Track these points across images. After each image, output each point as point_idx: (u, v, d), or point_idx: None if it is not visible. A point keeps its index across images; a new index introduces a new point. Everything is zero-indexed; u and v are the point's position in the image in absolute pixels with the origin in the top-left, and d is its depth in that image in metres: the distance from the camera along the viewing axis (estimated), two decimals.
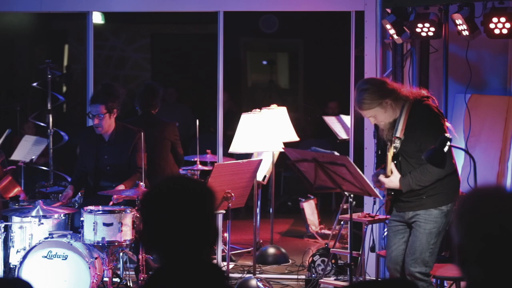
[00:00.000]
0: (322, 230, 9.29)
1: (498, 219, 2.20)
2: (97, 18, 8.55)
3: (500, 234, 2.19)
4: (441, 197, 5.22)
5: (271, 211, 8.58)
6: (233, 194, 6.39)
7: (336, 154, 5.56)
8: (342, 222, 7.25)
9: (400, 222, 5.36)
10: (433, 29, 6.63)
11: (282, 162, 8.88)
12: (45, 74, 8.35)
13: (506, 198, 2.24)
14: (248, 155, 7.62)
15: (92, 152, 7.08)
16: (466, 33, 6.49)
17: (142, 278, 6.40)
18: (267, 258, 8.02)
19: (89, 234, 6.31)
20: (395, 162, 5.26)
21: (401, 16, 6.91)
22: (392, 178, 5.24)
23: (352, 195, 5.57)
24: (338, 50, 9.72)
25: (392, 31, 6.98)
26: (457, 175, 5.33)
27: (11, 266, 6.51)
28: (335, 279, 7.05)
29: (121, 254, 6.50)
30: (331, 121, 10.06)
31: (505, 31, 6.26)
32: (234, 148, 7.30)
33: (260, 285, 6.75)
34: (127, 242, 6.39)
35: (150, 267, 6.58)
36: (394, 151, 5.23)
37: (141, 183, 6.46)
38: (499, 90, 7.36)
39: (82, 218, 6.35)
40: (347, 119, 9.24)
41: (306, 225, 9.29)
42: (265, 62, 13.63)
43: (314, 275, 7.08)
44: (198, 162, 8.34)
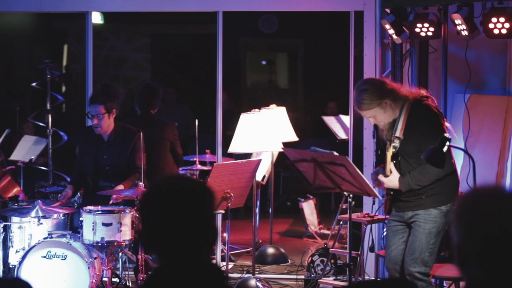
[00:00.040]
0: (321, 230, 9.29)
1: (497, 219, 2.20)
2: (96, 18, 8.53)
3: (499, 234, 2.19)
4: (440, 197, 5.22)
5: (270, 211, 8.57)
6: (232, 194, 6.39)
7: (335, 154, 5.57)
8: (341, 222, 7.24)
9: (399, 222, 5.35)
10: (432, 29, 6.63)
11: (281, 162, 8.86)
12: (44, 74, 8.35)
13: (505, 198, 2.25)
14: (247, 155, 7.61)
15: (91, 152, 7.07)
16: (465, 33, 6.49)
17: (141, 278, 6.40)
18: (266, 258, 8.02)
19: (88, 234, 6.30)
20: (394, 162, 5.26)
21: (400, 16, 6.91)
22: (391, 178, 5.24)
23: (351, 195, 5.56)
24: (337, 50, 9.72)
25: (391, 31, 6.98)
26: (456, 175, 5.33)
27: (10, 266, 6.50)
28: (334, 279, 7.05)
29: (120, 254, 6.50)
30: (330, 121, 10.05)
31: (504, 31, 6.25)
32: (233, 148, 7.30)
33: (259, 285, 6.74)
34: (126, 242, 6.38)
35: (149, 267, 6.57)
36: (394, 151, 5.23)
37: (140, 183, 6.46)
38: (498, 90, 7.36)
39: (81, 218, 6.35)
40: (346, 119, 9.23)
41: (305, 225, 9.28)
42: (264, 62, 13.62)
43: (313, 275, 7.08)
44: (197, 162, 8.33)
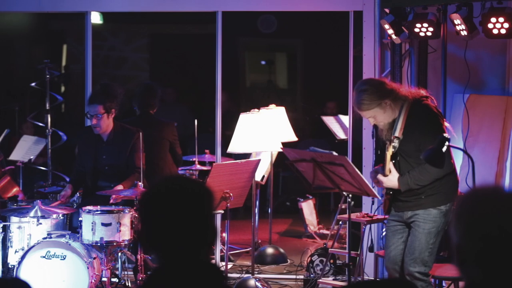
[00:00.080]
0: (321, 230, 9.29)
1: (496, 219, 2.20)
2: (95, 18, 8.54)
3: (498, 234, 2.19)
4: (439, 196, 5.22)
5: (270, 211, 8.57)
6: (231, 194, 6.39)
7: (334, 154, 5.56)
8: (340, 222, 7.25)
9: (398, 222, 5.35)
10: (431, 29, 6.63)
11: (280, 162, 8.85)
12: (43, 74, 8.34)
13: (504, 199, 2.25)
14: (246, 155, 7.61)
15: (90, 152, 7.07)
16: (464, 33, 6.49)
17: (140, 278, 6.39)
18: (266, 258, 8.02)
19: (87, 234, 6.30)
20: (394, 161, 5.26)
21: (399, 16, 6.91)
22: (390, 177, 5.23)
23: (350, 195, 5.56)
24: (336, 50, 9.72)
25: (390, 31, 6.98)
26: (455, 175, 5.33)
27: (10, 266, 6.50)
28: (334, 279, 7.05)
29: (119, 254, 6.49)
30: (330, 121, 10.05)
31: (503, 31, 6.25)
32: (232, 148, 7.30)
33: (258, 285, 6.74)
34: (126, 242, 6.38)
35: (149, 267, 6.57)
36: (393, 151, 5.23)
37: (139, 183, 6.46)
38: (498, 90, 7.36)
39: (80, 218, 6.35)
40: (346, 119, 9.23)
41: (305, 225, 9.28)
42: (263, 62, 13.62)
43: (312, 275, 7.08)
44: (197, 162, 8.33)
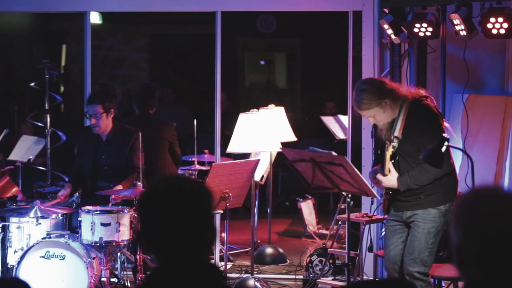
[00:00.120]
0: (320, 230, 9.29)
1: (496, 220, 2.20)
2: (94, 18, 8.54)
3: (498, 234, 2.19)
4: (439, 196, 5.22)
5: (269, 211, 8.57)
6: (230, 194, 6.39)
7: (333, 154, 5.56)
8: (340, 222, 7.25)
9: (398, 222, 5.35)
10: (430, 29, 6.63)
11: (279, 162, 8.85)
12: (42, 74, 8.34)
13: (504, 199, 2.25)
14: (245, 155, 7.61)
15: (89, 152, 7.07)
16: (463, 33, 6.49)
17: (139, 278, 6.40)
18: (265, 258, 8.02)
19: (87, 234, 6.30)
20: (393, 161, 5.26)
21: (398, 16, 6.91)
22: (390, 177, 5.23)
23: (350, 195, 5.56)
24: (336, 50, 9.71)
25: (389, 31, 6.98)
26: (455, 175, 5.33)
27: (9, 266, 6.49)
28: (333, 279, 7.05)
29: (119, 254, 6.49)
30: (329, 121, 10.05)
31: (502, 31, 6.25)
32: (231, 148, 7.30)
33: (258, 285, 6.74)
34: (125, 242, 6.38)
35: (148, 267, 6.57)
36: (392, 150, 5.23)
37: (138, 183, 6.46)
38: (497, 90, 7.36)
39: (80, 218, 6.34)
40: (345, 119, 9.22)
41: (304, 225, 9.28)
42: (263, 62, 13.62)
43: (312, 275, 7.08)
44: (196, 162, 8.33)
